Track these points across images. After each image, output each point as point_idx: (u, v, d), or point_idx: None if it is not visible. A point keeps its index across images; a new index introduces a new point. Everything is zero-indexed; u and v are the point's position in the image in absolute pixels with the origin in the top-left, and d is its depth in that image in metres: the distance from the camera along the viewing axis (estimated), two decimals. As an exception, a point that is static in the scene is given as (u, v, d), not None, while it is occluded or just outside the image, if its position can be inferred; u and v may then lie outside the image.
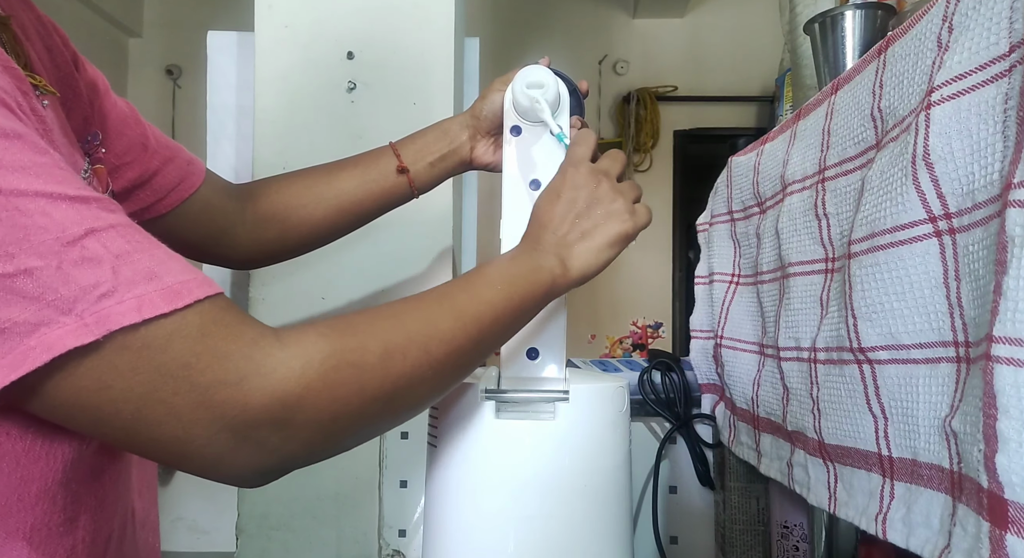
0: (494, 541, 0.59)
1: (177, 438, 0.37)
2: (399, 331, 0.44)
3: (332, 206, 0.72)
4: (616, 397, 0.63)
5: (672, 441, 0.92)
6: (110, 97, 0.59)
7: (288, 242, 0.73)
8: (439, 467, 0.62)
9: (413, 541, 0.93)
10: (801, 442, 0.60)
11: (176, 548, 2.86)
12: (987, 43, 0.37)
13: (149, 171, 0.62)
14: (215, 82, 1.08)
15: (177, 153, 0.65)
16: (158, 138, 0.64)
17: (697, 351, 0.92)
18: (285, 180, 0.73)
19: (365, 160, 0.74)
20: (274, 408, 0.38)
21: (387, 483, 0.94)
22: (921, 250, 0.42)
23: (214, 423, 0.37)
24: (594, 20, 3.13)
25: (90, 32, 2.77)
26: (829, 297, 0.56)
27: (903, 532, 0.44)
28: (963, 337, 0.40)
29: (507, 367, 0.66)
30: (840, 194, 0.55)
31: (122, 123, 0.60)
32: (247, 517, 0.94)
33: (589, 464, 0.60)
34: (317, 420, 0.39)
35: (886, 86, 0.49)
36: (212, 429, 0.37)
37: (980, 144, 0.38)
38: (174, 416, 0.36)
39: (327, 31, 0.97)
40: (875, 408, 0.48)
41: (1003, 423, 0.32)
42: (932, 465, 0.42)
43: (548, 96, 0.66)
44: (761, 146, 0.75)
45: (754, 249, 0.76)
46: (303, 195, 0.72)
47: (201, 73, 1.08)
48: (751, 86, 2.99)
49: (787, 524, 0.78)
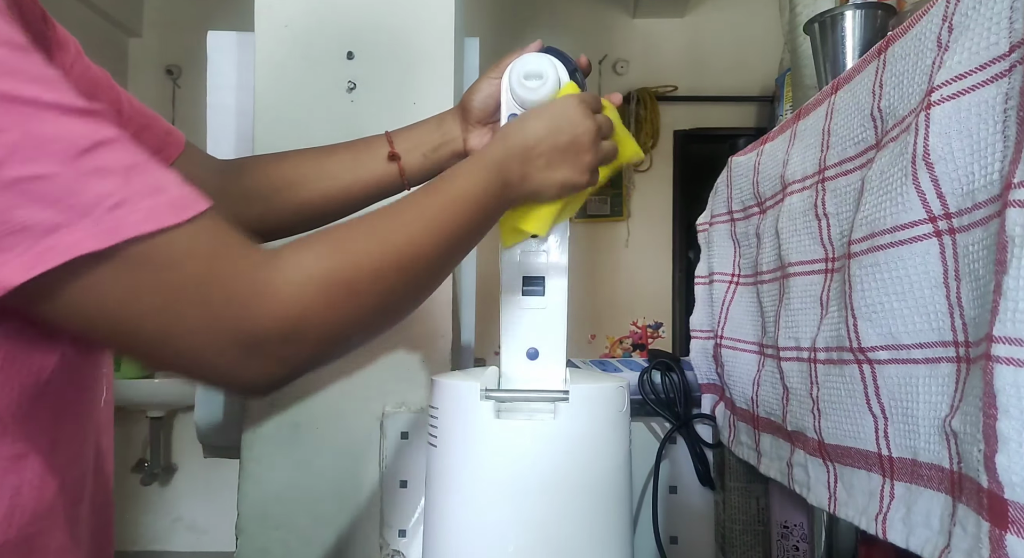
0: (494, 541, 0.59)
1: (192, 350, 0.40)
2: (388, 250, 0.48)
3: (318, 189, 0.70)
4: (616, 397, 0.63)
5: (672, 441, 0.92)
6: (83, 59, 0.58)
7: (269, 223, 0.71)
8: (439, 467, 0.62)
9: (413, 541, 0.93)
10: (801, 442, 0.60)
11: (176, 548, 2.86)
12: (987, 43, 0.37)
13: None
14: (215, 82, 1.08)
15: (153, 121, 0.64)
16: (133, 104, 0.62)
17: (697, 351, 0.92)
18: (274, 158, 0.72)
19: (358, 146, 0.72)
20: (281, 324, 0.41)
21: (387, 483, 0.94)
22: (921, 250, 0.42)
23: (226, 338, 0.40)
24: (594, 20, 3.13)
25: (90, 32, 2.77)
26: (829, 297, 0.56)
27: (903, 532, 0.44)
28: (963, 337, 0.40)
29: (507, 367, 0.66)
30: (840, 194, 0.55)
31: (95, 86, 0.59)
32: (247, 517, 0.94)
33: (589, 464, 0.60)
34: (320, 332, 0.43)
35: (886, 86, 0.49)
36: (224, 343, 0.40)
37: (980, 144, 0.38)
38: (188, 331, 0.39)
39: (327, 31, 0.97)
40: (875, 408, 0.48)
41: (1003, 423, 0.32)
42: (932, 465, 0.42)
43: (547, 87, 0.64)
44: (761, 146, 0.75)
45: (754, 249, 0.76)
46: (290, 175, 0.70)
47: (201, 73, 1.08)
48: (751, 86, 2.98)
49: (787, 524, 0.78)
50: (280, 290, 0.41)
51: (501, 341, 0.67)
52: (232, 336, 0.40)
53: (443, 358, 0.96)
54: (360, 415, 0.94)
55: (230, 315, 0.40)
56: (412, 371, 0.95)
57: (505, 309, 0.68)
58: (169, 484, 2.88)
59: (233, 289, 0.40)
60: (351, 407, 0.94)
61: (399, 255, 0.48)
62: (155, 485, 2.83)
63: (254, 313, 0.40)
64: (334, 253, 0.45)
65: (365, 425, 0.94)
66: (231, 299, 0.40)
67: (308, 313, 0.42)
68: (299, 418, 0.93)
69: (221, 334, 0.40)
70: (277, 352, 0.42)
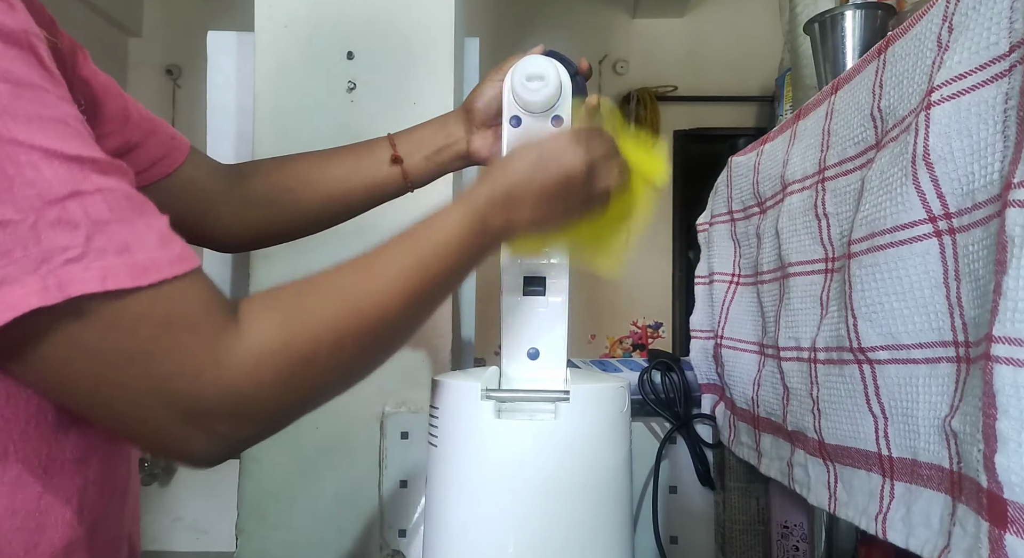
0: (494, 541, 0.59)
1: (132, 419, 0.38)
2: (352, 315, 0.44)
3: (321, 192, 0.70)
4: (617, 397, 0.63)
5: (672, 441, 0.92)
6: (90, 65, 0.58)
7: (274, 226, 0.71)
8: (439, 467, 0.62)
9: (413, 541, 0.93)
10: (801, 442, 0.60)
11: (176, 548, 2.86)
12: (987, 43, 0.37)
13: (130, 143, 0.61)
14: (215, 82, 1.08)
15: (159, 127, 0.64)
16: (139, 111, 0.62)
17: (697, 351, 0.92)
18: (277, 162, 0.71)
19: (360, 149, 0.72)
20: (227, 401, 0.39)
21: (387, 483, 0.94)
22: (921, 250, 0.42)
23: (168, 411, 0.38)
24: (594, 20, 3.13)
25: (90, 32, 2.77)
26: (829, 297, 0.56)
27: (903, 532, 0.44)
28: (963, 337, 0.40)
29: (508, 367, 0.66)
30: (840, 194, 0.55)
31: (104, 92, 0.59)
32: (247, 517, 0.94)
33: (590, 464, 0.60)
34: (268, 411, 0.41)
35: (886, 86, 0.49)
36: (165, 416, 0.38)
37: (980, 144, 0.38)
38: (130, 399, 0.38)
39: (327, 31, 0.97)
40: (875, 408, 0.48)
41: (1003, 423, 0.32)
42: (932, 465, 0.42)
43: (549, 88, 0.64)
44: (761, 146, 0.75)
45: (754, 249, 0.76)
46: (293, 179, 0.70)
47: (201, 73, 1.08)
48: (751, 86, 2.99)
49: (787, 524, 0.78)
50: (233, 365, 0.39)
51: (502, 341, 0.67)
52: (175, 410, 0.38)
53: (443, 358, 0.96)
54: (360, 415, 0.94)
55: (175, 388, 0.37)
56: (412, 371, 0.95)
57: (506, 309, 0.68)
58: (169, 484, 2.88)
59: (182, 362, 0.37)
60: (351, 407, 0.94)
61: (363, 319, 0.45)
62: (155, 485, 2.83)
63: (202, 388, 0.38)
64: (292, 322, 0.42)
65: (365, 425, 0.94)
66: (179, 372, 0.37)
67: (260, 391, 0.40)
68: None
69: (163, 406, 0.38)
70: (220, 429, 0.40)
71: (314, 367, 0.42)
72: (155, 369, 0.37)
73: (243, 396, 0.39)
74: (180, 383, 0.37)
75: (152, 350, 0.37)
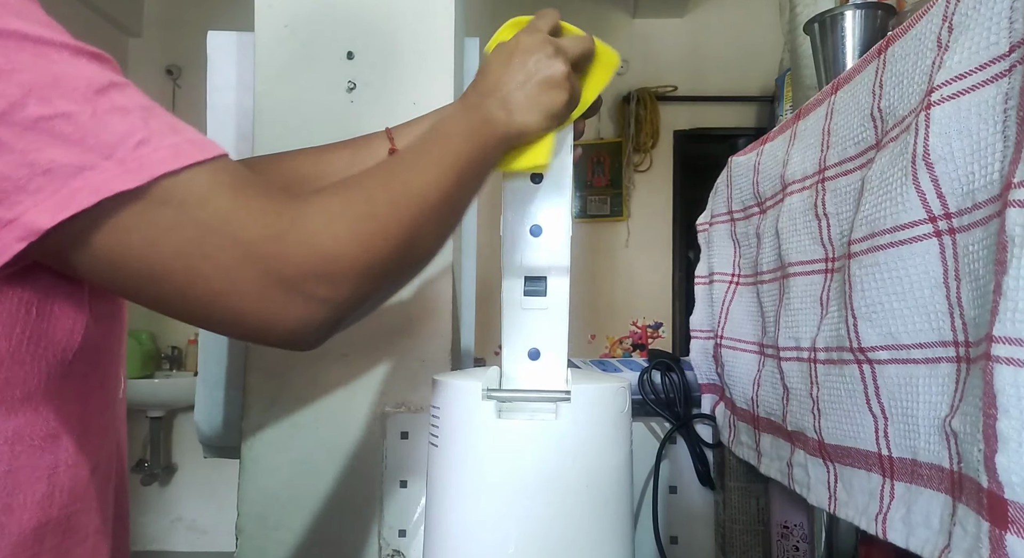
0: (495, 541, 0.59)
1: (227, 294, 0.38)
2: (396, 183, 0.47)
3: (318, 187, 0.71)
4: (618, 397, 0.63)
5: (672, 441, 0.92)
6: None
7: None
8: (440, 467, 0.62)
9: (413, 541, 0.93)
10: (801, 442, 0.60)
11: (176, 548, 2.86)
12: (987, 43, 0.37)
13: None
14: (215, 82, 1.08)
15: None
16: None
17: (697, 351, 0.92)
18: (274, 158, 0.72)
19: (358, 143, 0.72)
20: (315, 260, 0.40)
21: (387, 483, 0.94)
22: (921, 250, 0.42)
23: (261, 277, 0.38)
24: (594, 20, 3.13)
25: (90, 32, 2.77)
26: (829, 297, 0.56)
27: (903, 532, 0.44)
28: (963, 337, 0.40)
29: (508, 367, 0.66)
30: (840, 194, 0.55)
31: None
32: (247, 517, 0.94)
33: (590, 464, 0.60)
34: (353, 268, 0.41)
35: (886, 86, 0.49)
36: (260, 283, 0.38)
37: (980, 144, 0.38)
38: (221, 271, 0.38)
39: (327, 31, 0.97)
40: (875, 408, 0.48)
41: (1003, 423, 0.32)
42: (932, 465, 0.42)
43: None
44: (761, 146, 0.75)
45: (754, 249, 0.76)
46: (290, 173, 0.70)
47: (201, 73, 1.08)
48: (751, 86, 2.99)
49: (787, 524, 0.78)
50: (308, 224, 0.40)
51: (503, 341, 0.67)
52: (265, 274, 0.38)
53: (443, 358, 0.96)
54: (360, 415, 0.94)
55: (261, 252, 0.38)
56: (412, 371, 0.95)
57: (507, 309, 0.68)
58: (169, 484, 2.88)
59: (263, 223, 0.38)
60: (351, 407, 0.94)
61: (420, 196, 0.47)
62: (155, 485, 2.84)
63: (288, 247, 0.39)
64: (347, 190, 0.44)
65: (365, 425, 0.94)
66: (262, 234, 0.38)
67: (339, 246, 0.40)
68: (299, 418, 0.93)
69: (253, 272, 0.38)
70: (316, 291, 0.40)
71: (377, 221, 0.43)
72: (239, 234, 0.38)
73: (327, 253, 0.40)
74: (267, 245, 0.38)
75: (230, 218, 0.38)
